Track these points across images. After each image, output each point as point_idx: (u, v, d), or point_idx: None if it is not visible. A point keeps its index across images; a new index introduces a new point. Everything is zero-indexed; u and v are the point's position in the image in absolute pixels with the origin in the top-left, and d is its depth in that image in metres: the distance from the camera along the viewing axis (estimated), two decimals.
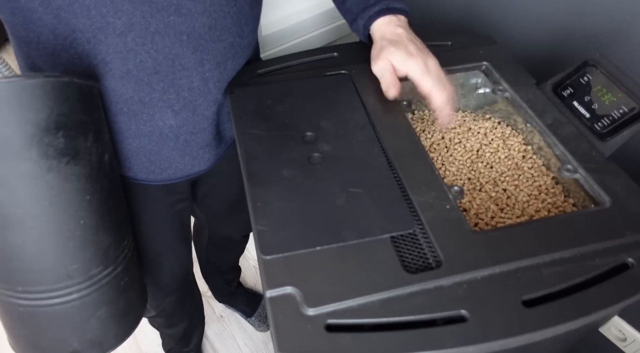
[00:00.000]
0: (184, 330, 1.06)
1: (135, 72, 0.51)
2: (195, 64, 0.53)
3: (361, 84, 0.58)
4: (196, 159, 0.63)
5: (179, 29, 0.49)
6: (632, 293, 0.38)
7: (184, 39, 0.50)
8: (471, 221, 0.50)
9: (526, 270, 0.40)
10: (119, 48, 0.48)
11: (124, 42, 0.48)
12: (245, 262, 1.45)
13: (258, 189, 0.46)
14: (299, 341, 0.35)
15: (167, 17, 0.48)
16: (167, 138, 0.59)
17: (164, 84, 0.53)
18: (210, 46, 0.53)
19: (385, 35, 0.57)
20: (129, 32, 0.47)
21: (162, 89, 0.53)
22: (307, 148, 0.50)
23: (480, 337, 0.35)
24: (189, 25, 0.50)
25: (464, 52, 0.62)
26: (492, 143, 0.58)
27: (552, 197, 0.51)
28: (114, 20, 0.46)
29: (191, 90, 0.55)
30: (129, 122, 0.56)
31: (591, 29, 0.70)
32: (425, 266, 0.40)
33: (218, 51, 0.54)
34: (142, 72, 0.51)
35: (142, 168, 0.62)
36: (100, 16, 0.46)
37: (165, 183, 0.65)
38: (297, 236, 0.42)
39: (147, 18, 0.47)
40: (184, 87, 0.54)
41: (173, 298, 0.90)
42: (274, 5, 0.89)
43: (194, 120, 0.58)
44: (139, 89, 0.52)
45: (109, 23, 0.46)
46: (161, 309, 0.91)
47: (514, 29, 0.82)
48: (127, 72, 0.50)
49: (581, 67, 0.55)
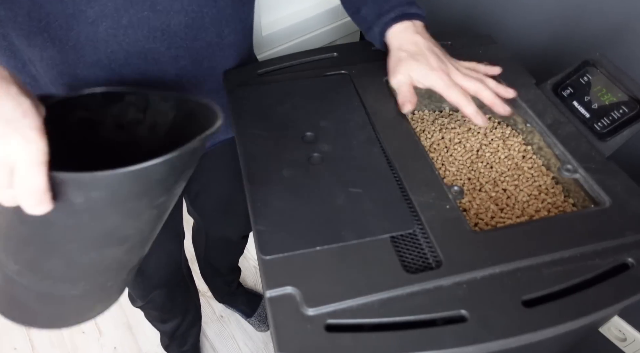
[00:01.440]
0: (177, 327, 1.06)
1: (106, 61, 0.50)
2: (169, 60, 0.53)
3: (361, 84, 0.58)
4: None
5: (152, 25, 0.49)
6: (632, 293, 0.38)
7: (158, 35, 0.50)
8: (471, 221, 0.50)
9: (526, 270, 0.40)
10: (90, 37, 0.48)
11: (95, 32, 0.48)
12: (245, 262, 1.45)
13: (258, 189, 0.46)
14: (299, 341, 0.35)
15: (141, 12, 0.48)
16: None
17: (136, 76, 0.53)
18: (186, 44, 0.53)
19: (403, 45, 0.56)
20: (100, 22, 0.47)
21: (134, 81, 0.53)
22: (307, 148, 0.50)
23: (480, 337, 0.35)
24: (163, 22, 0.50)
25: (464, 52, 0.62)
26: (492, 143, 0.58)
27: (552, 197, 0.51)
28: (86, 8, 0.46)
29: (164, 84, 0.55)
30: None
31: (591, 29, 0.71)
32: (425, 266, 0.40)
33: (194, 49, 0.54)
34: (114, 63, 0.51)
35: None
36: (73, 3, 0.45)
37: None
38: (297, 236, 0.42)
39: (119, 11, 0.47)
40: (157, 81, 0.54)
41: (162, 291, 0.90)
42: (274, 5, 0.89)
43: None
44: (109, 78, 0.52)
45: (81, 11, 0.46)
46: (150, 300, 0.90)
47: (514, 29, 0.82)
48: (98, 61, 0.50)
49: (581, 67, 0.55)
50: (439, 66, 0.53)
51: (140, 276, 0.84)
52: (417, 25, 0.57)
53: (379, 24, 0.58)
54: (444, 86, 0.52)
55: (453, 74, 0.53)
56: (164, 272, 0.87)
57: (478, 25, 0.87)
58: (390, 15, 0.57)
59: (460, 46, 0.64)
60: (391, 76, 0.55)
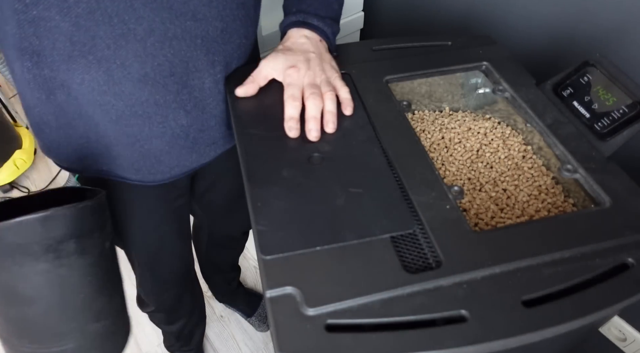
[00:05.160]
0: (183, 327, 1.06)
1: (152, 75, 0.52)
2: (207, 66, 0.55)
3: (361, 84, 0.58)
4: (202, 156, 0.64)
5: (194, 33, 0.51)
6: (632, 293, 0.38)
7: (199, 42, 0.52)
8: (471, 221, 0.50)
9: (526, 270, 0.40)
10: (138, 52, 0.49)
11: (144, 47, 0.49)
12: (245, 262, 1.45)
13: (258, 189, 0.46)
14: (299, 341, 0.35)
15: (185, 23, 0.50)
16: (179, 137, 0.59)
17: (178, 86, 0.54)
18: (221, 48, 0.55)
19: (288, 40, 0.59)
20: (148, 37, 0.49)
21: (177, 91, 0.55)
22: (307, 147, 0.50)
23: (480, 337, 0.35)
24: (203, 29, 0.52)
25: (463, 52, 0.62)
26: (492, 143, 0.58)
27: (552, 197, 0.51)
28: (135, 26, 0.47)
29: (202, 90, 0.57)
30: (142, 124, 0.56)
31: (591, 29, 0.71)
32: (425, 266, 0.40)
33: (227, 52, 0.56)
34: (159, 75, 0.52)
35: (151, 169, 0.62)
36: (122, 23, 0.47)
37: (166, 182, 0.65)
38: (297, 236, 0.42)
39: (166, 24, 0.49)
40: (196, 87, 0.56)
41: (172, 294, 0.90)
42: (274, 5, 0.89)
43: (202, 118, 0.59)
44: (154, 91, 0.53)
45: (130, 29, 0.47)
46: (160, 304, 0.91)
47: (514, 29, 0.82)
48: (145, 75, 0.51)
49: (581, 67, 0.55)
50: (295, 65, 0.55)
51: (155, 282, 0.84)
52: (312, 35, 0.59)
53: (285, 21, 0.61)
54: (287, 83, 0.54)
55: (306, 77, 0.55)
56: (176, 276, 0.87)
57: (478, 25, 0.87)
58: (292, 18, 0.60)
59: (460, 45, 0.64)
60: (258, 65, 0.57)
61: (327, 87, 0.54)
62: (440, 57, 0.54)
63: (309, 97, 0.53)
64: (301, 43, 0.58)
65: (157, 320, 1.03)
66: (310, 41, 0.58)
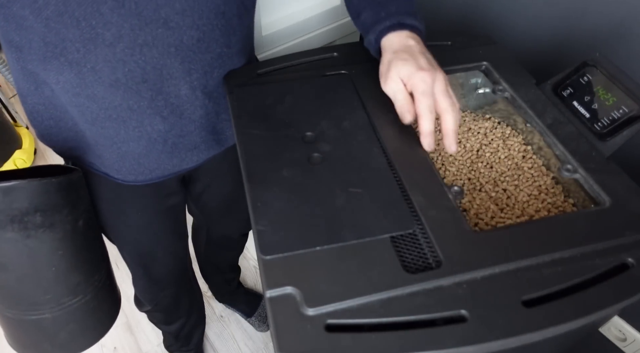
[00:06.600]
0: (182, 327, 1.06)
1: (124, 80, 0.51)
2: (183, 74, 0.54)
3: (361, 84, 0.58)
4: (184, 160, 0.64)
5: (167, 42, 0.50)
6: (632, 293, 0.38)
7: (172, 50, 0.51)
8: (471, 221, 0.50)
9: (526, 270, 0.40)
10: (108, 58, 0.49)
11: (113, 53, 0.49)
12: (245, 262, 1.45)
13: (258, 189, 0.46)
14: (299, 341, 0.35)
15: (155, 30, 0.49)
16: (156, 142, 0.59)
17: (152, 92, 0.54)
18: (198, 57, 0.54)
19: (394, 49, 0.52)
20: (117, 43, 0.48)
21: (151, 97, 0.54)
22: (307, 148, 0.50)
23: (480, 337, 0.35)
24: (177, 38, 0.51)
25: (463, 52, 0.62)
26: (492, 143, 0.58)
27: (552, 197, 0.51)
28: (103, 31, 0.47)
29: (179, 97, 0.56)
30: (117, 127, 0.56)
31: (591, 29, 0.70)
32: (425, 266, 0.40)
33: (206, 61, 0.55)
34: (131, 81, 0.52)
35: (131, 170, 0.62)
36: (90, 27, 0.46)
37: (154, 182, 0.66)
38: (297, 236, 0.42)
39: (135, 30, 0.48)
40: (172, 94, 0.55)
41: (168, 293, 0.90)
42: (274, 5, 0.89)
43: (181, 123, 0.59)
44: (127, 96, 0.53)
45: (98, 34, 0.47)
46: (157, 303, 0.91)
47: (514, 29, 0.82)
48: (116, 80, 0.51)
49: (581, 67, 0.55)
50: (428, 68, 0.49)
51: (150, 281, 0.84)
52: (413, 35, 0.54)
53: (375, 30, 0.55)
54: (422, 91, 0.48)
55: (437, 82, 0.49)
56: (172, 275, 0.87)
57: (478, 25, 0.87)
58: (386, 23, 0.54)
59: (459, 45, 0.64)
60: (383, 83, 0.51)
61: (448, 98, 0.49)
62: (440, 57, 0.54)
63: (447, 108, 0.48)
64: (410, 46, 0.52)
65: (156, 320, 1.03)
66: (416, 42, 0.53)
